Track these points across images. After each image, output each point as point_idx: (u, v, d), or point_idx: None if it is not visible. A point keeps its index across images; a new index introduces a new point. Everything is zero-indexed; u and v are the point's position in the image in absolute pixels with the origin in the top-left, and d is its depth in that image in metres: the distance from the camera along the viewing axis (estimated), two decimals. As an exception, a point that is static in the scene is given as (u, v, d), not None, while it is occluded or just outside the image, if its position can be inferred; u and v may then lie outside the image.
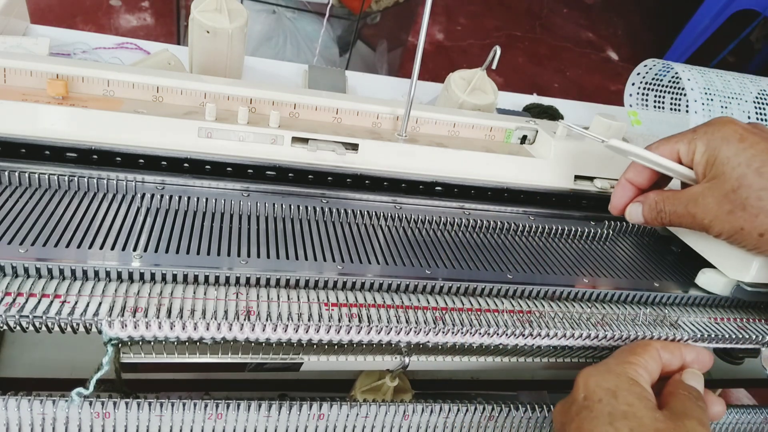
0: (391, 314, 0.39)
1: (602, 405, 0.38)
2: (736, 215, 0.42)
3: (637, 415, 0.37)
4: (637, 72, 0.86)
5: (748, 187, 0.41)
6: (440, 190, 0.53)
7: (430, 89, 0.84)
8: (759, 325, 0.49)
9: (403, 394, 0.49)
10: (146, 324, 0.34)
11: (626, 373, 0.40)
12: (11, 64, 0.47)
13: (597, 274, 0.48)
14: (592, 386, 0.40)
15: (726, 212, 0.43)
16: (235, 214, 0.45)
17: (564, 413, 0.40)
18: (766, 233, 0.41)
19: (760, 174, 0.41)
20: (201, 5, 0.62)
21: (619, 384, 0.39)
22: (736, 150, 0.42)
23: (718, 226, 0.43)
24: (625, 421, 0.37)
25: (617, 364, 0.41)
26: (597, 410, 0.38)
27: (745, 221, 0.42)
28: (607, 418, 0.37)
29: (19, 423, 0.35)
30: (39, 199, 0.41)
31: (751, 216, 0.42)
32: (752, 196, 0.41)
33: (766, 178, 0.41)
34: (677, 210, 0.46)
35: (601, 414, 0.38)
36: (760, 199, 0.41)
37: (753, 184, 0.41)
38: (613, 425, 0.36)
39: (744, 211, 0.42)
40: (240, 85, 0.52)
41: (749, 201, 0.41)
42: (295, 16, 1.37)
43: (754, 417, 0.50)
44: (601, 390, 0.39)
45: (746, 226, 0.42)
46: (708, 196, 0.44)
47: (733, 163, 0.42)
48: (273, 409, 0.39)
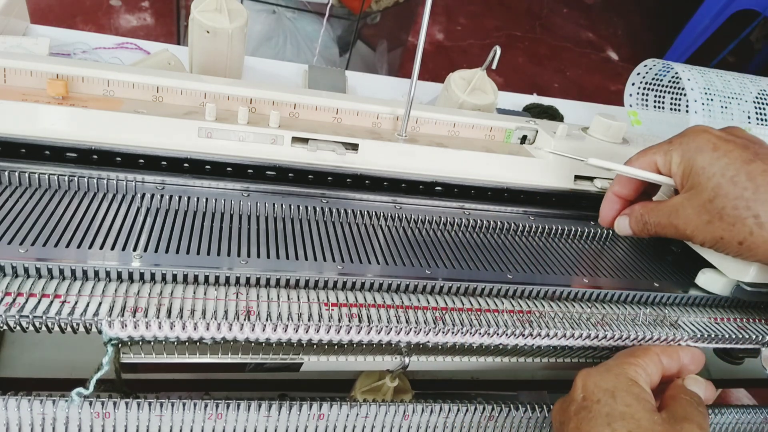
0: (391, 314, 0.39)
1: (600, 405, 0.38)
2: (715, 225, 0.42)
3: (635, 417, 0.37)
4: (637, 72, 0.86)
5: (724, 196, 0.42)
6: (440, 190, 0.53)
7: (430, 89, 0.84)
8: (759, 325, 0.49)
9: (403, 394, 0.49)
10: (146, 324, 0.34)
11: (625, 373, 0.40)
12: (11, 64, 0.47)
13: (597, 274, 0.48)
14: (590, 386, 0.39)
15: (705, 222, 0.43)
16: (235, 214, 0.45)
17: (562, 412, 0.40)
18: (744, 241, 0.41)
19: (734, 183, 0.41)
20: (201, 5, 0.62)
21: (617, 384, 0.39)
22: (710, 159, 0.43)
23: (700, 236, 0.44)
24: (623, 422, 0.37)
25: (617, 365, 0.41)
26: (595, 411, 0.38)
27: (723, 231, 0.42)
28: (605, 419, 0.37)
29: (19, 423, 0.35)
30: (39, 199, 0.41)
31: (729, 225, 0.42)
32: (728, 206, 0.41)
33: (740, 186, 0.41)
34: (661, 221, 0.46)
35: (599, 414, 0.37)
36: (735, 208, 0.41)
37: (728, 193, 0.41)
38: (611, 426, 0.36)
39: (721, 220, 0.42)
40: (240, 85, 0.52)
41: (725, 210, 0.42)
42: (295, 16, 1.37)
43: (754, 417, 0.50)
44: (599, 390, 0.39)
45: (725, 236, 0.42)
46: (687, 207, 0.44)
47: (708, 173, 0.43)
48: (273, 409, 0.39)
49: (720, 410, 0.49)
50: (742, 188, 0.41)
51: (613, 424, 0.37)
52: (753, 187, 0.41)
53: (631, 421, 0.37)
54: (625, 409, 0.37)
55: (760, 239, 0.41)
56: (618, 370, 0.41)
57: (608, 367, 0.41)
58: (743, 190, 0.41)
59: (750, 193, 0.41)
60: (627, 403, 0.38)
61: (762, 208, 0.40)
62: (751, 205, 0.41)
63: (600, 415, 0.37)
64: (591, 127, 0.60)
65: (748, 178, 0.41)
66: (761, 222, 0.40)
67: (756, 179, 0.41)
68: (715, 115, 0.75)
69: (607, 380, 0.40)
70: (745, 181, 0.41)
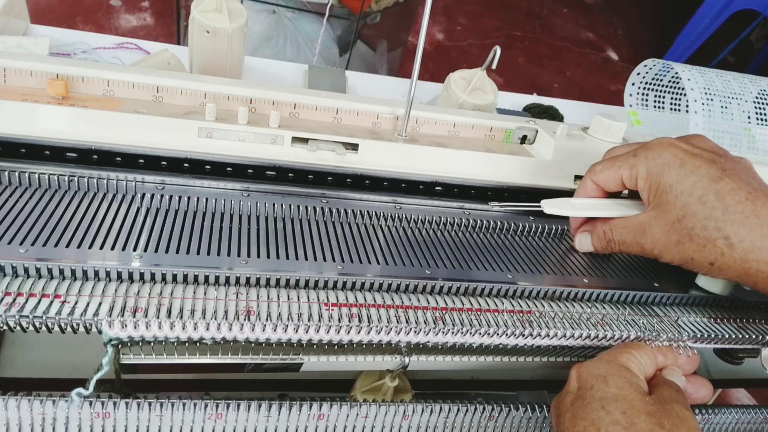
0: (391, 314, 0.39)
1: (594, 391, 0.39)
2: (685, 246, 0.42)
3: (628, 398, 0.37)
4: (637, 72, 0.86)
5: (693, 216, 0.41)
6: (440, 190, 0.53)
7: (430, 89, 0.84)
8: (759, 325, 0.49)
9: (403, 394, 0.49)
10: (146, 324, 0.34)
11: (617, 360, 0.41)
12: (11, 64, 0.47)
13: (597, 274, 0.48)
14: (584, 375, 0.40)
15: (674, 243, 0.42)
16: (235, 214, 0.45)
17: (559, 406, 0.41)
18: (715, 262, 0.41)
19: (702, 203, 0.41)
20: (201, 5, 0.62)
21: (609, 370, 0.40)
22: (677, 177, 0.42)
23: (668, 256, 0.43)
24: (616, 403, 0.37)
25: (608, 353, 0.42)
26: (589, 397, 0.38)
27: (693, 252, 0.41)
28: (599, 403, 0.37)
29: (19, 423, 0.35)
30: (39, 199, 0.41)
31: (699, 246, 0.41)
32: (697, 226, 0.41)
33: (709, 206, 0.40)
34: (626, 239, 0.45)
35: (593, 399, 0.38)
36: (705, 229, 0.41)
37: (697, 213, 0.41)
38: (605, 409, 0.37)
39: (691, 241, 0.41)
40: (240, 85, 0.52)
41: (695, 231, 0.41)
42: (295, 16, 1.37)
43: (754, 417, 0.50)
44: (592, 377, 0.40)
45: (696, 257, 0.42)
46: (654, 226, 0.43)
47: (676, 191, 0.42)
48: (273, 409, 0.39)
49: (720, 410, 0.49)
50: (711, 208, 0.40)
51: (607, 406, 0.37)
52: (722, 207, 0.40)
53: (624, 402, 0.37)
54: (618, 391, 0.38)
55: (730, 260, 0.40)
56: (609, 357, 0.41)
57: (601, 357, 0.42)
58: (712, 210, 0.40)
59: (719, 213, 0.40)
60: (619, 386, 0.38)
61: (731, 228, 0.40)
62: (720, 226, 0.40)
63: (594, 399, 0.38)
64: (591, 127, 0.60)
65: (717, 198, 0.40)
66: (731, 243, 0.40)
67: (724, 198, 0.40)
68: (715, 115, 0.75)
69: (599, 367, 0.40)
70: (714, 201, 0.40)
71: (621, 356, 0.41)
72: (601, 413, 0.37)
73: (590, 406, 0.38)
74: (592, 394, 0.38)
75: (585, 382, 0.40)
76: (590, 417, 0.37)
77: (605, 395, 0.38)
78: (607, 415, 0.37)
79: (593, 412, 0.37)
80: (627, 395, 0.38)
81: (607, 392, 0.38)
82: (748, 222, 0.40)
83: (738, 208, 0.40)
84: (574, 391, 0.40)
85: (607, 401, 0.37)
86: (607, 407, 0.37)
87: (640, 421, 0.36)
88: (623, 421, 0.36)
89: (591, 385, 0.39)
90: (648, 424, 0.36)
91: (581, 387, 0.40)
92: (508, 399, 0.45)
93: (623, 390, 0.38)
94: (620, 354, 0.41)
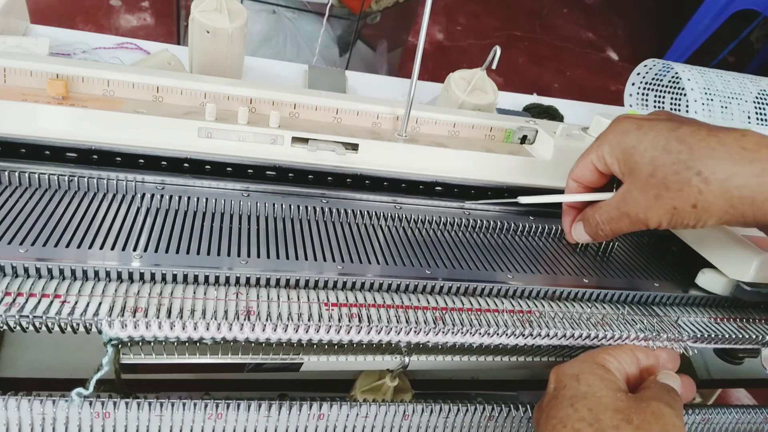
0: (391, 314, 0.39)
1: (566, 390, 0.39)
2: (663, 198, 0.41)
3: (597, 395, 0.38)
4: (637, 72, 0.86)
5: (662, 166, 0.41)
6: (440, 190, 0.53)
7: (430, 89, 0.84)
8: (759, 325, 0.49)
9: (403, 394, 0.49)
10: (146, 324, 0.34)
11: (592, 359, 0.41)
12: (11, 64, 0.47)
13: (597, 274, 0.48)
14: (560, 376, 0.41)
15: (653, 198, 0.42)
16: (235, 214, 0.45)
17: (538, 410, 0.41)
18: (697, 203, 0.40)
19: (668, 151, 0.40)
20: (201, 5, 0.62)
21: (582, 369, 0.40)
22: (637, 138, 0.42)
23: (654, 216, 0.42)
24: (584, 401, 0.37)
25: (586, 353, 0.42)
26: (561, 396, 0.39)
27: (673, 200, 0.41)
28: (569, 401, 0.38)
29: (19, 423, 0.35)
30: (39, 199, 0.41)
31: (676, 193, 0.40)
32: (669, 173, 0.40)
33: (674, 152, 0.40)
34: (612, 215, 0.45)
35: (564, 398, 0.38)
36: (676, 173, 0.40)
37: (665, 161, 0.41)
38: (574, 407, 0.37)
39: (668, 190, 0.41)
40: (240, 85, 0.52)
41: (668, 178, 0.41)
42: (295, 16, 1.37)
43: (754, 417, 0.50)
44: (566, 377, 0.40)
45: (677, 204, 0.41)
46: (633, 191, 0.43)
47: (640, 150, 0.42)
48: (273, 409, 0.39)
49: (720, 410, 0.49)
50: (677, 152, 0.40)
51: (576, 404, 0.37)
52: (687, 148, 0.40)
53: (592, 399, 0.37)
54: (587, 389, 0.38)
55: (711, 195, 0.39)
56: (585, 357, 0.42)
57: (578, 357, 0.42)
58: (678, 154, 0.40)
59: (685, 154, 0.40)
60: (589, 383, 0.39)
61: (702, 163, 0.39)
62: (690, 165, 0.40)
63: (565, 398, 0.38)
64: (591, 127, 0.60)
65: (680, 142, 0.40)
66: (706, 177, 0.39)
67: (686, 140, 0.40)
68: (715, 115, 0.75)
69: (573, 367, 0.41)
70: (677, 146, 0.40)
71: (597, 356, 0.41)
72: (569, 411, 0.37)
73: (560, 405, 0.38)
74: (564, 393, 0.39)
75: (559, 383, 0.40)
76: (559, 415, 0.38)
77: (576, 393, 0.38)
78: (574, 412, 0.37)
79: (562, 410, 0.38)
80: (596, 392, 0.38)
81: (578, 390, 0.38)
82: (715, 153, 0.39)
83: (702, 144, 0.40)
84: (551, 392, 0.40)
85: (576, 399, 0.38)
86: (576, 405, 0.37)
87: (606, 417, 0.36)
88: (589, 417, 0.36)
89: (564, 385, 0.40)
90: (614, 420, 0.36)
91: (556, 387, 0.40)
92: (508, 399, 0.45)
93: (593, 387, 0.38)
94: (597, 353, 0.42)
